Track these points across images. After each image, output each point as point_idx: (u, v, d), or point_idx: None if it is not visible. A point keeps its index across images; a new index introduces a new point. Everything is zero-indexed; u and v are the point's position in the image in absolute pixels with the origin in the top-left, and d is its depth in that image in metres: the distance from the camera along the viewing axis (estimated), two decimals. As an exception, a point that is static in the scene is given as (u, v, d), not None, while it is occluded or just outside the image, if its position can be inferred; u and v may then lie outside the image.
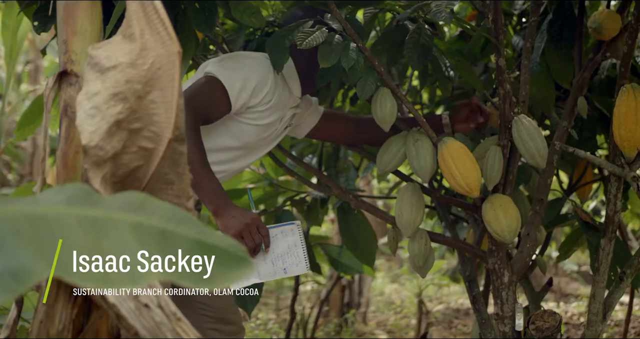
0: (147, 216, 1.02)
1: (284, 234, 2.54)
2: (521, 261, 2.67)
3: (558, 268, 8.16)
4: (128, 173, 1.27)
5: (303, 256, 2.52)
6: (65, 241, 0.96)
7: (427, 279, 6.65)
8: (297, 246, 2.52)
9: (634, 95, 2.46)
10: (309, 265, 2.54)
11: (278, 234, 2.52)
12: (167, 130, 1.23)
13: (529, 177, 3.16)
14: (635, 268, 2.61)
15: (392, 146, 2.61)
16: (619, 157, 2.59)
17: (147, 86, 1.25)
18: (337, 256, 3.91)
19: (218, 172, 2.54)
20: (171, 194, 1.28)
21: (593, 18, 2.62)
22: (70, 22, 1.36)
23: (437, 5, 2.41)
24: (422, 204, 2.58)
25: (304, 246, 2.53)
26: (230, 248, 1.01)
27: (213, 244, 1.01)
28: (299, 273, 2.55)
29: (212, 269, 1.00)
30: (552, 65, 2.93)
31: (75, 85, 1.33)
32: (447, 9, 2.36)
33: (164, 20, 1.26)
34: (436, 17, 2.37)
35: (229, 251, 1.01)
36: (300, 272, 2.55)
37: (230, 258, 1.01)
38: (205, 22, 2.54)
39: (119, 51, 1.27)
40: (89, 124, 1.20)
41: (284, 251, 2.52)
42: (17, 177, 9.40)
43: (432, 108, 3.88)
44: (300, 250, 2.52)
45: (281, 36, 2.49)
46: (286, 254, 2.52)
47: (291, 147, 3.79)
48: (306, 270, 2.55)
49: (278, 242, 2.52)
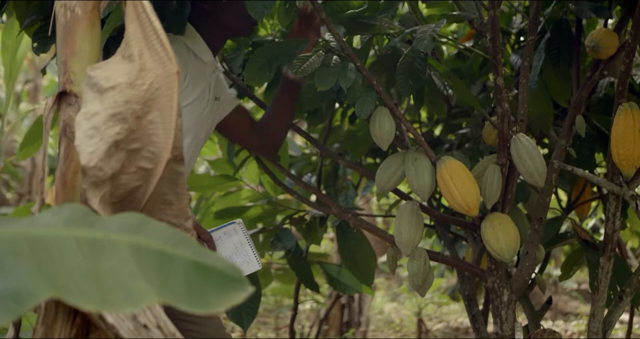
0: (146, 237, 1.02)
1: (228, 234, 2.51)
2: (520, 280, 2.67)
3: (558, 286, 8.14)
4: (127, 193, 1.27)
5: (252, 254, 2.50)
6: (64, 262, 0.96)
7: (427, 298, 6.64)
8: (244, 244, 2.50)
9: (632, 114, 2.47)
10: (260, 262, 2.51)
11: (222, 235, 2.50)
12: (165, 150, 1.23)
13: (528, 195, 3.16)
14: (635, 287, 2.60)
15: (391, 164, 2.61)
16: (618, 175, 2.59)
17: (145, 106, 1.26)
18: (336, 275, 3.90)
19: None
20: (170, 214, 1.28)
21: (590, 37, 2.63)
22: (70, 42, 1.36)
23: (422, 32, 2.42)
24: (421, 222, 2.57)
25: (251, 244, 2.50)
26: (227, 270, 1.01)
27: (210, 266, 1.01)
28: (251, 271, 2.51)
29: (209, 291, 1.00)
30: (550, 84, 2.94)
31: (74, 105, 1.33)
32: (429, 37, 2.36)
33: (162, 41, 1.27)
34: (418, 46, 2.37)
35: (225, 273, 1.01)
36: (253, 270, 2.51)
37: (227, 279, 1.01)
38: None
39: (118, 72, 1.28)
40: (88, 145, 1.20)
41: (232, 251, 2.50)
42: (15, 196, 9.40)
43: (431, 126, 3.89)
44: (248, 248, 2.50)
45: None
46: (235, 255, 2.50)
47: (290, 166, 3.79)
48: (258, 267, 2.51)
49: (224, 244, 2.50)
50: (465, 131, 3.51)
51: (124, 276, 0.98)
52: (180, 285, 0.99)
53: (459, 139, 3.58)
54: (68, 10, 1.38)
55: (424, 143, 2.53)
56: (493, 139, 2.78)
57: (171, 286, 0.99)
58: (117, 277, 0.98)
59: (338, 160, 3.11)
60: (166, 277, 0.99)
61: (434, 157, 2.52)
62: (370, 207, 7.66)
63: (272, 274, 4.61)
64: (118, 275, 0.98)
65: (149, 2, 1.30)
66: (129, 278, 0.97)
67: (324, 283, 4.58)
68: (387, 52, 2.62)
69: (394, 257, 2.78)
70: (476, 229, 2.62)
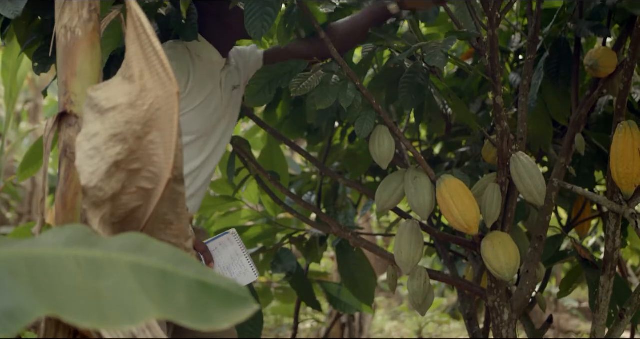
0: (147, 256, 1.02)
1: (223, 245, 2.50)
2: (521, 299, 2.66)
3: (558, 304, 8.12)
4: (127, 213, 1.27)
5: (248, 264, 2.48)
6: (63, 281, 0.96)
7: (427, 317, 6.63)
8: (240, 255, 2.49)
9: (631, 132, 2.47)
10: (256, 272, 2.50)
11: (217, 246, 2.49)
12: (166, 170, 1.23)
13: (528, 214, 3.16)
14: (636, 305, 2.60)
15: (391, 183, 2.61)
16: (617, 194, 2.59)
17: (146, 127, 1.26)
18: (336, 294, 3.89)
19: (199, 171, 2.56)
20: (170, 234, 1.28)
21: (589, 56, 2.64)
22: (70, 63, 1.37)
23: (432, 48, 2.43)
24: (421, 241, 2.57)
25: (246, 254, 2.49)
26: (231, 288, 1.01)
27: (213, 285, 1.01)
28: (249, 281, 2.49)
29: (212, 307, 0.99)
30: (550, 103, 2.95)
31: (75, 126, 1.34)
32: (442, 53, 2.37)
33: (163, 62, 1.27)
34: (431, 61, 2.38)
35: (229, 291, 1.01)
36: (250, 280, 2.49)
37: (231, 298, 1.00)
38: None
39: (119, 92, 1.28)
40: (89, 165, 1.20)
41: (228, 262, 2.48)
42: (15, 216, 9.40)
43: (430, 145, 3.89)
44: (243, 258, 2.48)
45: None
46: (232, 265, 2.48)
47: (290, 185, 3.79)
48: (255, 278, 2.49)
49: (220, 254, 2.48)
50: (464, 150, 3.51)
51: (123, 293, 0.97)
52: (183, 301, 0.99)
53: (458, 158, 3.59)
54: (69, 32, 1.38)
55: (424, 162, 2.53)
56: (493, 158, 2.78)
57: (173, 302, 0.98)
58: (117, 294, 0.97)
59: (338, 179, 3.11)
60: (168, 294, 0.98)
61: (433, 175, 2.52)
62: (371, 226, 7.66)
63: (273, 294, 4.60)
64: (118, 293, 0.97)
65: (149, 23, 1.30)
66: (128, 295, 0.97)
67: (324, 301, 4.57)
68: (395, 66, 2.62)
69: (394, 276, 2.78)
70: (476, 248, 2.62)
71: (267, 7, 2.32)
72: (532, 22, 2.69)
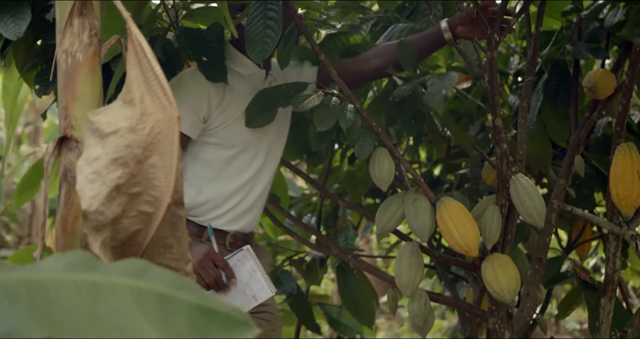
0: (147, 281, 1.02)
1: (241, 262, 2.49)
2: (522, 321, 2.66)
3: (560, 326, 8.08)
4: (127, 237, 1.27)
5: (264, 280, 2.47)
6: (62, 305, 0.96)
7: (428, 339, 6.60)
8: (255, 271, 2.48)
9: (630, 154, 2.48)
10: (272, 288, 2.49)
11: (236, 263, 2.48)
12: (166, 194, 1.23)
13: (528, 235, 3.16)
14: (637, 327, 2.59)
15: (391, 205, 2.61)
16: (617, 215, 2.59)
17: (147, 151, 1.26)
18: (336, 316, 3.88)
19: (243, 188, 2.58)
20: (170, 258, 1.28)
21: (588, 77, 2.65)
22: (70, 87, 1.38)
23: (432, 84, 2.43)
24: (421, 263, 2.57)
25: (262, 269, 2.48)
26: (232, 313, 1.01)
27: (214, 309, 1.01)
28: (266, 297, 2.48)
29: (214, 331, 0.99)
30: (549, 124, 2.96)
31: (75, 150, 1.34)
32: (441, 94, 2.37)
33: (163, 86, 1.28)
34: (430, 103, 2.38)
35: (231, 316, 1.01)
36: (267, 296, 2.48)
37: (232, 322, 1.00)
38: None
39: (119, 116, 1.29)
40: (89, 189, 1.20)
41: (247, 278, 2.47)
42: (15, 238, 9.37)
43: (430, 166, 3.90)
44: (259, 274, 2.47)
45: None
46: (250, 281, 2.48)
47: (290, 207, 3.79)
48: (272, 294, 2.48)
49: (239, 270, 2.47)
50: (464, 171, 3.51)
51: (123, 317, 0.97)
52: (183, 325, 0.98)
53: (458, 180, 3.59)
54: (69, 56, 1.39)
55: (423, 184, 2.53)
56: (492, 180, 2.78)
57: (173, 326, 0.98)
58: (116, 318, 0.97)
59: (338, 201, 3.11)
60: (168, 318, 0.98)
61: (433, 197, 2.52)
62: (371, 247, 7.64)
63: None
64: (117, 316, 0.97)
65: (149, 48, 1.31)
66: (128, 319, 0.97)
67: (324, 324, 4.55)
68: (395, 99, 2.61)
69: (394, 298, 2.77)
70: (476, 270, 2.62)
71: (267, 30, 2.33)
72: (531, 44, 2.70)
